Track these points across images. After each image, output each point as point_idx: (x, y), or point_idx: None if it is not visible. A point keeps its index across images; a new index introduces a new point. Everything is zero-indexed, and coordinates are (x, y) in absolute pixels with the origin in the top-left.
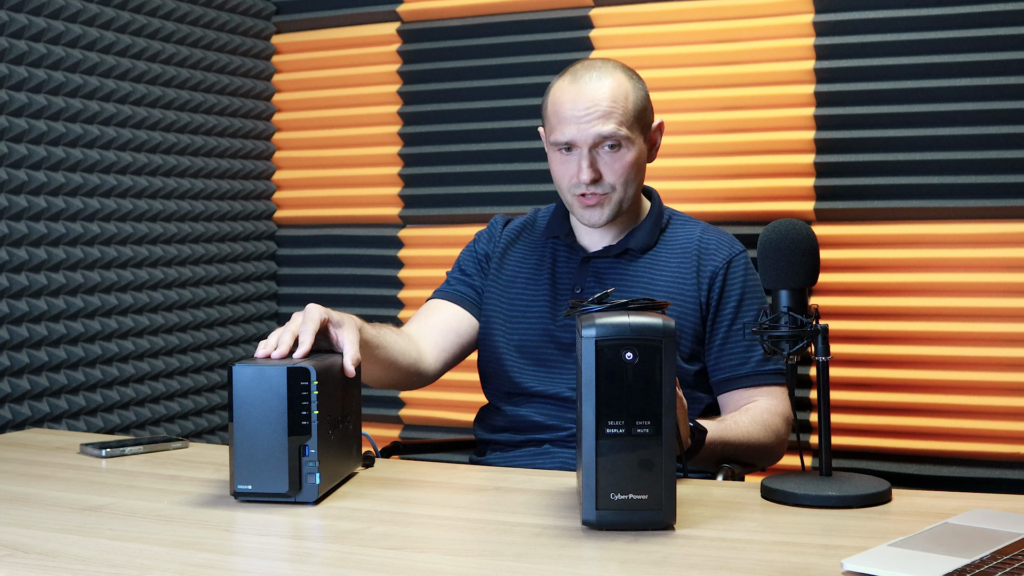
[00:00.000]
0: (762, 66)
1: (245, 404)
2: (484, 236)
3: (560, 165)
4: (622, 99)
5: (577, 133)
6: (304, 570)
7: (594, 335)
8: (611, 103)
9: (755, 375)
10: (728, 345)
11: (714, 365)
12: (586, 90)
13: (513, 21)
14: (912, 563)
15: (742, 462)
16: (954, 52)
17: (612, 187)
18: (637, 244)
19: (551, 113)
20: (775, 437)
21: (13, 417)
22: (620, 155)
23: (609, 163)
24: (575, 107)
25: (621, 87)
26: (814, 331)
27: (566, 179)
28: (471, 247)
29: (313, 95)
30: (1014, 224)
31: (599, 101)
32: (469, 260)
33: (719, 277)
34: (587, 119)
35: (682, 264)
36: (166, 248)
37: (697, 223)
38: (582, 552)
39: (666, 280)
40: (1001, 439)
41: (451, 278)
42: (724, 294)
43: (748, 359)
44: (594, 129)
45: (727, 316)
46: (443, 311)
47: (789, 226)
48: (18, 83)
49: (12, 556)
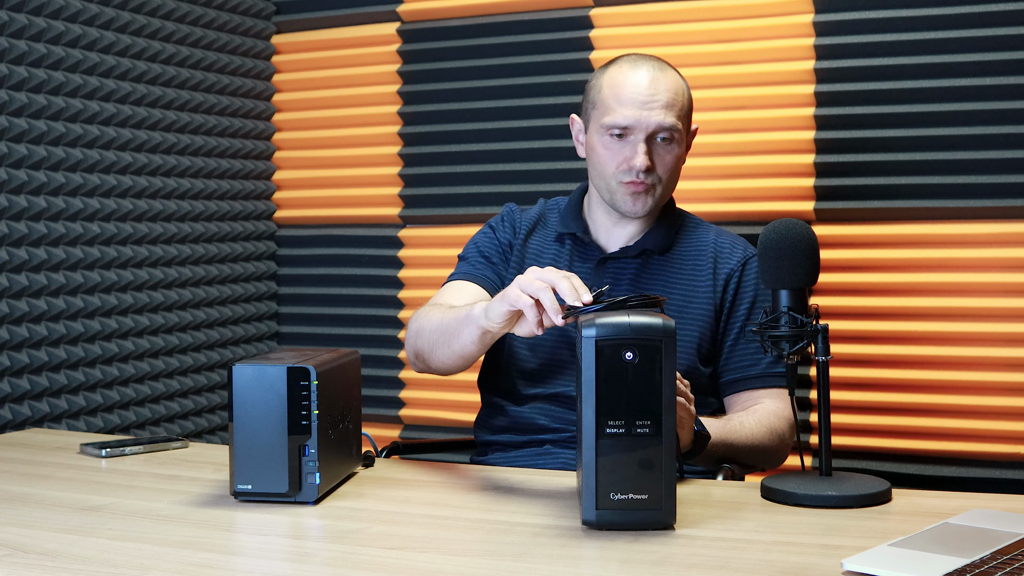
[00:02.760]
0: (762, 66)
1: (245, 404)
2: (505, 225)
3: (608, 150)
4: (681, 94)
5: (639, 118)
6: (304, 570)
7: (594, 335)
8: (674, 95)
9: (765, 376)
10: (739, 346)
11: (724, 365)
12: (651, 78)
13: (513, 21)
14: (912, 563)
15: (743, 463)
16: (954, 52)
17: (659, 179)
18: (656, 245)
19: (608, 95)
20: (779, 441)
21: (13, 417)
22: (671, 149)
23: (661, 155)
24: (639, 92)
25: (679, 83)
26: (814, 331)
27: (614, 164)
28: (490, 234)
29: (313, 95)
30: (1014, 224)
31: (664, 91)
32: (491, 247)
33: (734, 278)
34: (651, 106)
35: (698, 266)
36: (166, 248)
37: (710, 226)
38: (582, 552)
39: (683, 282)
40: (1001, 439)
41: (474, 260)
42: (738, 295)
43: (759, 360)
44: (657, 117)
45: (739, 317)
46: (474, 293)
47: (789, 226)
48: (18, 83)
49: (12, 556)
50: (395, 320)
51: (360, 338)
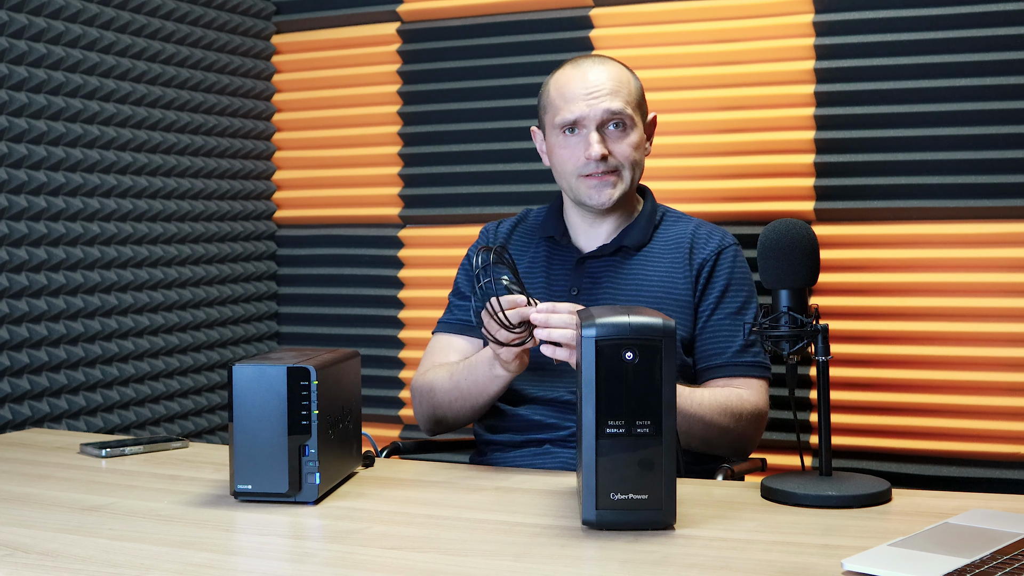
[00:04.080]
0: (762, 66)
1: (245, 404)
2: (479, 245)
3: (564, 148)
4: (625, 82)
5: (587, 109)
6: (304, 570)
7: (594, 335)
8: (616, 83)
9: (731, 365)
10: (707, 334)
11: (696, 354)
12: (592, 71)
13: (513, 21)
14: (912, 563)
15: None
16: (954, 52)
17: (620, 165)
18: (631, 241)
19: (555, 97)
20: (731, 420)
21: (13, 417)
22: (626, 135)
23: (615, 142)
24: (583, 86)
25: (623, 72)
26: (814, 331)
27: (572, 161)
28: (466, 266)
29: (313, 95)
30: (1014, 224)
31: (605, 81)
32: (465, 282)
33: (707, 266)
34: (596, 95)
35: (675, 259)
36: (166, 248)
37: (691, 220)
38: (582, 552)
39: (660, 276)
40: (1001, 439)
41: (452, 304)
42: (709, 283)
43: (725, 349)
44: (603, 104)
45: (710, 305)
46: (455, 348)
47: (789, 226)
48: (18, 83)
49: (12, 556)
50: (395, 320)
51: (360, 338)
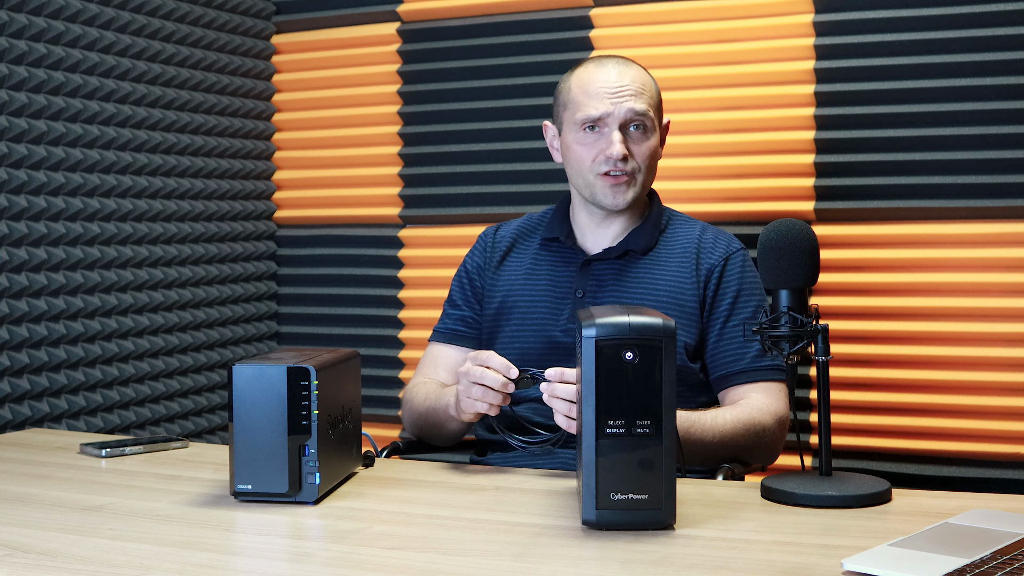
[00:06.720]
0: (762, 66)
1: (245, 404)
2: (475, 252)
3: (583, 145)
4: (649, 85)
5: (611, 107)
6: (304, 570)
7: (594, 335)
8: (642, 85)
9: (750, 371)
10: (723, 342)
11: (711, 362)
12: (617, 70)
13: (513, 21)
14: (912, 563)
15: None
16: (954, 52)
17: (638, 168)
18: (638, 245)
19: (577, 93)
20: (755, 437)
21: (13, 417)
22: (646, 137)
23: (636, 144)
24: (608, 83)
25: (646, 75)
26: (814, 331)
27: (590, 158)
28: (459, 273)
29: (313, 95)
30: (1014, 224)
31: (630, 82)
32: (458, 290)
33: (715, 273)
34: (621, 95)
35: (682, 264)
36: (166, 248)
37: (697, 223)
38: (582, 552)
39: (666, 281)
40: (1001, 439)
41: (445, 313)
42: (720, 290)
43: (743, 355)
44: (628, 104)
45: (723, 312)
46: (449, 357)
47: (789, 226)
48: (18, 83)
49: (12, 556)
50: (395, 320)
51: (360, 338)
